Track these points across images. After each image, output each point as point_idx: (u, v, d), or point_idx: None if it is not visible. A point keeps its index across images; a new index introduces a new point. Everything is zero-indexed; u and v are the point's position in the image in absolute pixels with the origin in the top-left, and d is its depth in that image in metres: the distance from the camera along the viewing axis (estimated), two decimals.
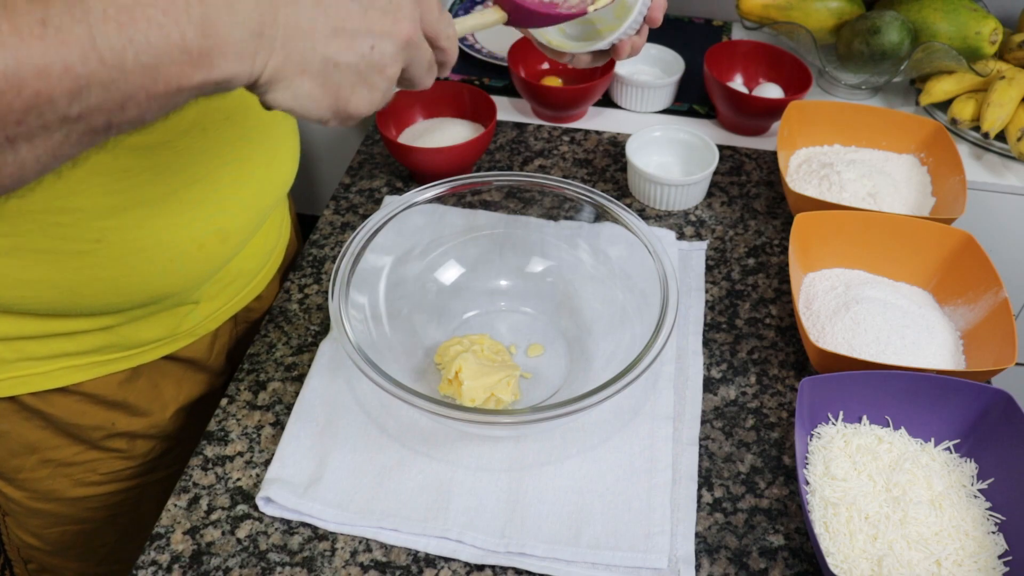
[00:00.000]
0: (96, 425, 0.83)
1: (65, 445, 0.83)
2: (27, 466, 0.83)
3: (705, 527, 0.73)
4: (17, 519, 0.89)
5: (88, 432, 0.83)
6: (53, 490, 0.85)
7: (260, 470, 0.76)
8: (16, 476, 0.84)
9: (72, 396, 0.80)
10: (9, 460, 0.82)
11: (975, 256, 0.87)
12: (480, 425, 0.73)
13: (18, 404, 0.78)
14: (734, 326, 0.90)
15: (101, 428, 0.83)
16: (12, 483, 0.85)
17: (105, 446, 0.85)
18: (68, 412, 0.80)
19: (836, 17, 1.22)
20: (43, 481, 0.85)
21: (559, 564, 0.69)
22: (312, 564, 0.70)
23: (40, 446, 0.82)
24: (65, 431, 0.82)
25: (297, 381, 0.83)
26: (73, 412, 0.80)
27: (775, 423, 0.81)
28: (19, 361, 0.75)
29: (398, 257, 0.85)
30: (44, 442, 0.82)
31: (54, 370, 0.77)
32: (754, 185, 1.08)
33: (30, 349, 0.75)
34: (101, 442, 0.84)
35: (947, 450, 0.77)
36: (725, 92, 1.13)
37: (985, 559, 0.69)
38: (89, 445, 0.84)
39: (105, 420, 0.83)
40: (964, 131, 1.18)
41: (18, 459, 0.82)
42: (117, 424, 0.84)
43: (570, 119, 1.17)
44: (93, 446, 0.84)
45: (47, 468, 0.84)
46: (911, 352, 0.82)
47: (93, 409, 0.81)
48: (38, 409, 0.79)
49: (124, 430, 0.85)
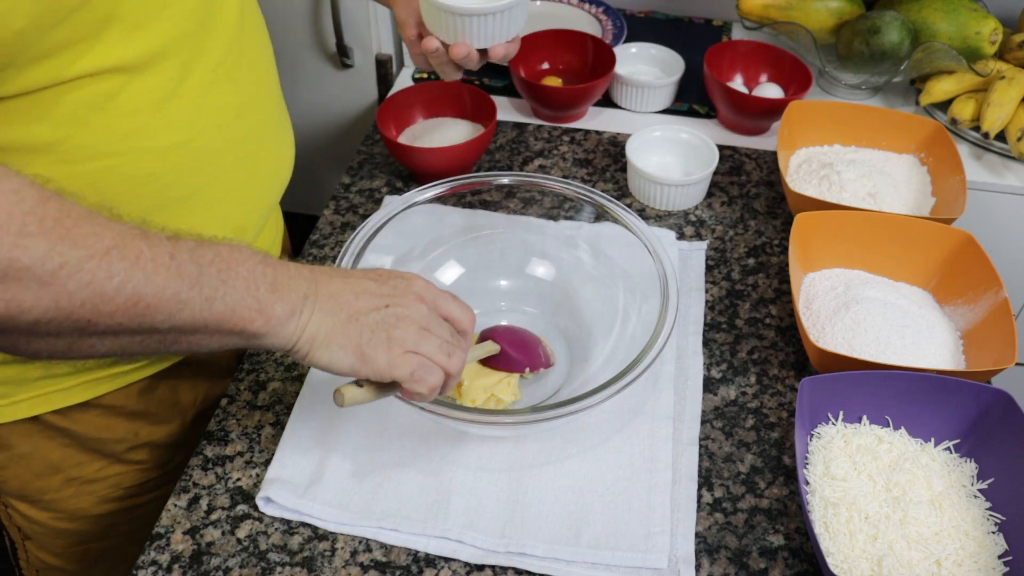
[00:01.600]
0: (120, 438, 0.83)
1: (88, 461, 0.83)
2: (52, 487, 0.83)
3: (705, 527, 0.73)
4: (39, 542, 0.89)
5: (112, 446, 0.83)
6: (78, 509, 0.85)
7: (260, 470, 0.76)
8: (42, 497, 0.84)
9: (94, 411, 0.79)
10: (33, 482, 0.82)
11: (975, 256, 0.87)
12: (480, 425, 0.73)
13: (41, 424, 0.78)
14: (734, 326, 0.90)
15: (124, 440, 0.83)
16: (37, 504, 0.85)
17: (128, 459, 0.85)
18: (91, 427, 0.80)
19: (836, 17, 1.22)
20: (68, 500, 0.84)
21: (559, 564, 0.69)
22: (312, 564, 0.70)
23: (64, 464, 0.82)
24: (88, 447, 0.82)
25: (297, 381, 0.83)
26: (96, 427, 0.81)
27: (775, 423, 0.81)
28: (39, 380, 0.75)
29: (398, 257, 0.85)
30: (68, 460, 0.81)
31: (75, 385, 0.77)
32: (754, 185, 1.08)
33: (51, 367, 0.75)
34: (124, 455, 0.84)
35: (947, 450, 0.77)
36: (725, 92, 1.13)
37: (985, 559, 0.69)
38: (112, 459, 0.84)
39: (128, 432, 0.83)
40: (964, 131, 1.18)
41: (43, 480, 0.82)
42: (140, 435, 0.84)
43: (570, 119, 1.17)
44: (117, 460, 0.84)
45: (72, 487, 0.84)
46: (911, 352, 0.82)
47: (115, 422, 0.81)
48: (61, 427, 0.79)
49: (146, 440, 0.85)
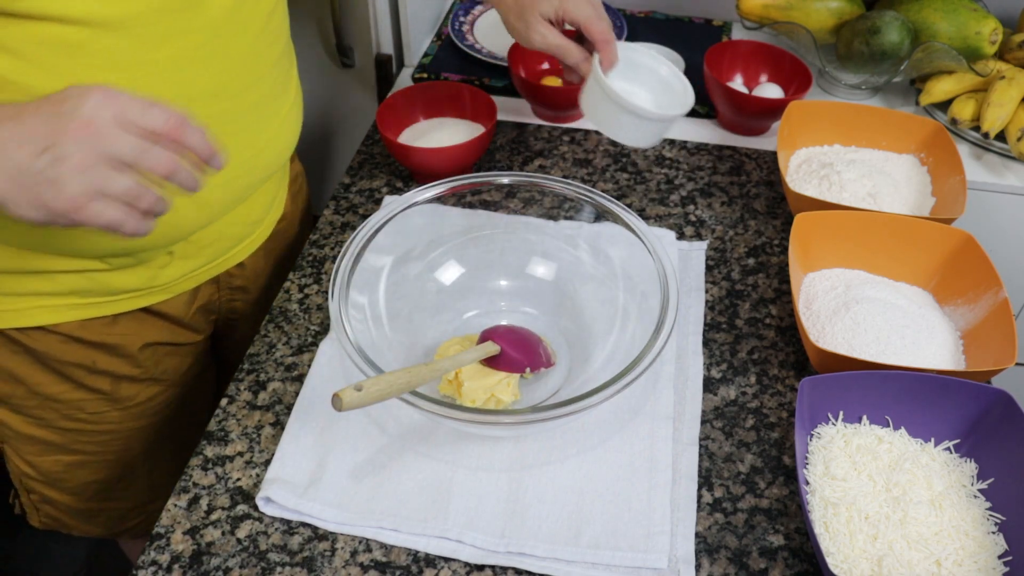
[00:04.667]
0: (77, 362, 0.86)
1: (50, 383, 0.86)
2: (18, 393, 0.87)
3: (705, 527, 0.73)
4: (13, 446, 0.94)
5: (71, 370, 0.86)
6: (43, 418, 0.89)
7: (260, 470, 0.76)
8: (9, 400, 0.88)
9: (54, 336, 0.83)
10: (1, 386, 0.86)
11: (975, 256, 0.87)
12: (480, 425, 0.73)
13: (3, 336, 0.83)
14: (734, 326, 0.90)
15: (82, 365, 0.86)
16: (5, 406, 0.89)
17: (89, 385, 0.88)
18: (49, 347, 0.84)
19: (836, 17, 1.22)
20: (34, 409, 0.89)
21: (559, 564, 0.69)
22: (312, 564, 0.70)
23: (27, 380, 0.86)
24: (49, 367, 0.85)
25: (297, 381, 0.83)
26: (54, 348, 0.84)
27: (775, 423, 0.81)
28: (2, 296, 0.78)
29: (398, 257, 0.85)
30: (31, 377, 0.85)
31: (31, 308, 0.80)
32: (754, 185, 1.08)
33: (6, 284, 0.78)
34: (85, 380, 0.87)
35: (947, 450, 0.77)
36: (725, 92, 1.13)
37: (985, 559, 0.69)
38: (74, 384, 0.87)
39: (85, 357, 0.86)
40: (964, 131, 1.17)
41: (9, 386, 0.86)
42: (98, 362, 0.87)
43: (570, 119, 1.17)
44: (78, 385, 0.87)
45: (36, 399, 0.88)
46: (911, 352, 0.82)
47: (73, 347, 0.85)
48: (21, 342, 0.83)
49: (105, 368, 0.88)
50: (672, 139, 1.14)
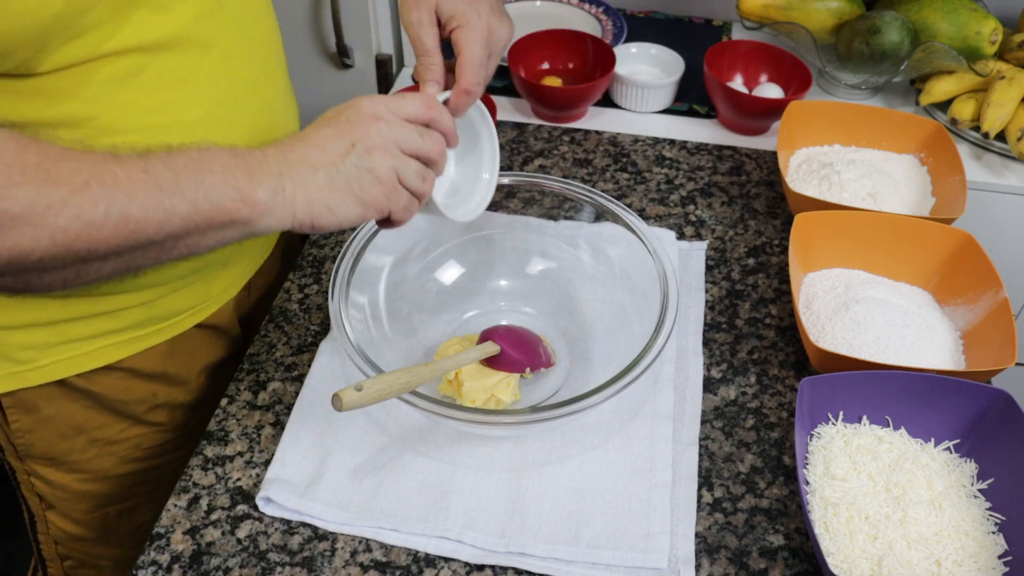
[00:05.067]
0: (139, 399, 0.85)
1: (111, 423, 0.85)
2: (77, 447, 0.85)
3: (705, 527, 0.73)
4: (61, 509, 0.91)
5: (132, 407, 0.85)
6: (101, 469, 0.88)
7: (260, 470, 0.76)
8: (67, 459, 0.86)
9: (116, 373, 0.82)
10: (59, 443, 0.84)
11: (975, 256, 0.87)
12: (480, 425, 0.73)
13: (65, 387, 0.80)
14: (734, 326, 0.90)
15: (144, 401, 0.86)
16: (62, 467, 0.87)
17: (148, 420, 0.87)
18: (113, 389, 0.83)
19: (836, 17, 1.22)
20: (91, 461, 0.87)
21: (559, 564, 0.69)
22: (312, 564, 0.70)
23: (87, 426, 0.84)
24: (111, 408, 0.84)
25: (297, 381, 0.83)
26: (118, 388, 0.83)
27: (775, 423, 0.81)
28: (63, 344, 0.77)
29: (398, 257, 0.85)
30: (91, 421, 0.84)
31: (97, 349, 0.79)
32: (754, 185, 1.08)
33: (75, 331, 0.77)
34: (144, 415, 0.87)
35: (947, 450, 0.77)
36: (725, 92, 1.13)
37: (985, 559, 0.69)
38: (133, 421, 0.86)
39: (147, 392, 0.85)
40: (964, 131, 1.18)
41: (67, 441, 0.85)
42: (158, 395, 0.86)
43: (570, 119, 1.17)
44: (137, 421, 0.87)
45: (95, 448, 0.86)
46: (911, 352, 0.82)
47: (136, 383, 0.84)
48: (84, 389, 0.81)
49: (164, 401, 0.87)
50: (672, 139, 1.15)
